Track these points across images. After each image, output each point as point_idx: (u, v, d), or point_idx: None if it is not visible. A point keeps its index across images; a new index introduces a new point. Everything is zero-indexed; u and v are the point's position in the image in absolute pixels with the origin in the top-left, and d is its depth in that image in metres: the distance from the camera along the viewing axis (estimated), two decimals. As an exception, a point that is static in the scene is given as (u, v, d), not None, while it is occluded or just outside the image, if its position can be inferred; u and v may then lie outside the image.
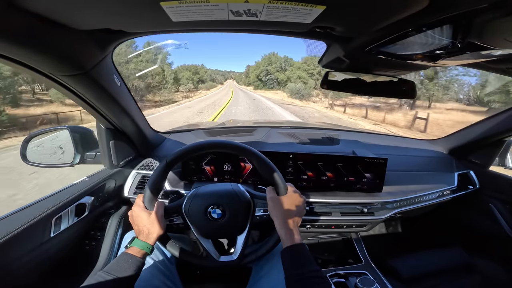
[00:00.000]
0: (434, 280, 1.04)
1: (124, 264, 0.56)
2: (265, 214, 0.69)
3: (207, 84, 58.36)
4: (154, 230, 0.62)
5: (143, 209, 0.65)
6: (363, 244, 1.20)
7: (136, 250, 0.59)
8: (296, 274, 0.54)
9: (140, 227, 0.63)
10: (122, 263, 0.56)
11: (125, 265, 0.55)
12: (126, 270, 0.55)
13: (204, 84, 56.00)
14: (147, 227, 0.62)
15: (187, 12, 0.44)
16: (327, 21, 0.49)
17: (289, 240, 0.59)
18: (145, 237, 0.61)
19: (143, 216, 0.63)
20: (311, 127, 1.69)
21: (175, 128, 1.50)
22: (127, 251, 0.59)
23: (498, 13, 0.38)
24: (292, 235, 0.60)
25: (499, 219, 1.14)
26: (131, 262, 0.56)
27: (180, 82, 38.60)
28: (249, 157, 0.67)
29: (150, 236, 0.62)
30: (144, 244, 0.60)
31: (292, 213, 0.63)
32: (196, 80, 49.71)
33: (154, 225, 0.62)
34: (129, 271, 0.55)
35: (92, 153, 0.95)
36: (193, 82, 46.44)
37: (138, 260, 0.57)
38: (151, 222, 0.63)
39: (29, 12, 0.40)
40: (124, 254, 0.58)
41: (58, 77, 0.59)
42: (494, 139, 1.15)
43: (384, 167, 1.02)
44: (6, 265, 0.61)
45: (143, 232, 0.62)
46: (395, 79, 0.80)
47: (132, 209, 0.66)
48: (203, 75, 56.46)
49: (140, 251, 0.59)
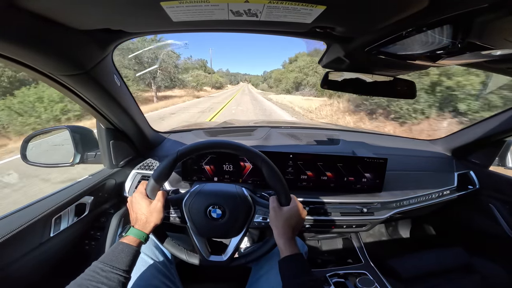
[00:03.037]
0: (434, 280, 1.04)
1: (121, 253, 0.54)
2: (263, 222, 0.69)
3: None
4: (152, 219, 0.62)
5: (144, 196, 0.64)
6: (362, 244, 1.20)
7: (131, 239, 0.57)
8: (294, 283, 0.54)
9: (139, 215, 0.62)
10: (118, 252, 0.54)
11: (122, 255, 0.54)
12: (123, 259, 0.53)
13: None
14: (145, 216, 0.61)
15: (187, 12, 0.44)
16: (327, 21, 0.49)
17: (288, 249, 0.59)
18: (142, 226, 0.60)
19: (143, 203, 0.63)
20: (311, 127, 1.69)
21: (175, 128, 1.50)
22: (122, 240, 0.57)
23: (498, 13, 0.38)
24: (291, 245, 0.60)
25: (499, 219, 1.14)
26: (127, 251, 0.55)
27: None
28: (258, 162, 0.66)
29: (147, 225, 0.61)
30: (140, 233, 0.59)
31: (292, 224, 0.63)
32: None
33: (153, 214, 0.62)
34: (126, 261, 0.53)
35: (92, 153, 0.95)
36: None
37: (134, 249, 0.56)
38: (151, 211, 0.62)
39: (29, 12, 0.40)
40: (119, 243, 0.56)
41: (58, 77, 0.59)
42: (494, 139, 1.15)
43: (384, 167, 1.02)
44: (6, 265, 0.61)
45: (141, 221, 0.61)
46: (395, 79, 0.80)
47: (134, 195, 0.65)
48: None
49: (136, 240, 0.58)
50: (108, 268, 0.51)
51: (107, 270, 0.50)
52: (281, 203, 0.66)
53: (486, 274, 1.09)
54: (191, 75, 34.20)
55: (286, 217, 0.63)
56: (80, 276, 0.50)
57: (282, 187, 0.66)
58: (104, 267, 0.51)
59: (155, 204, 0.63)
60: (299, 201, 0.68)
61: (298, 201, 0.67)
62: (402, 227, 1.58)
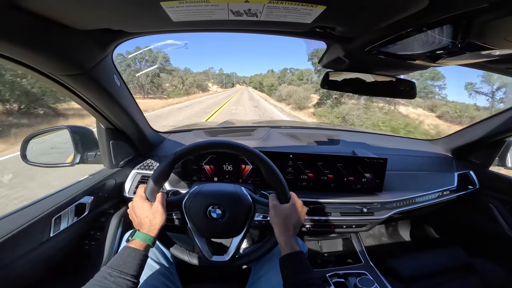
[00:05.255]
0: (433, 280, 1.04)
1: (128, 258, 0.53)
2: (263, 220, 0.69)
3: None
4: (156, 221, 0.61)
5: (144, 200, 0.64)
6: (362, 244, 1.20)
7: (138, 243, 0.57)
8: (294, 281, 0.54)
9: (142, 218, 0.61)
10: (125, 257, 0.54)
11: (129, 259, 0.53)
12: (130, 264, 0.53)
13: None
14: (149, 219, 0.61)
15: (187, 12, 0.44)
16: (327, 21, 0.49)
17: (288, 247, 0.59)
18: (147, 229, 0.60)
19: (144, 207, 0.62)
20: (311, 127, 1.69)
21: (175, 128, 1.50)
22: (129, 245, 0.56)
23: (498, 13, 0.38)
24: (292, 242, 0.60)
25: (499, 219, 1.15)
26: (134, 256, 0.54)
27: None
28: (257, 161, 0.67)
29: (152, 227, 0.60)
30: (146, 236, 0.59)
31: (292, 222, 0.63)
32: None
33: (156, 216, 0.61)
34: (133, 265, 0.53)
35: (92, 153, 0.95)
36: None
37: (141, 253, 0.56)
38: (153, 213, 0.62)
39: (29, 12, 0.40)
40: (126, 248, 0.56)
41: (58, 77, 0.59)
42: (494, 139, 1.15)
43: (384, 167, 1.02)
44: (6, 265, 0.61)
45: (145, 224, 0.60)
46: (395, 79, 0.80)
47: (133, 200, 0.65)
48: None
49: (143, 244, 0.57)
50: (116, 273, 0.50)
51: (115, 275, 0.50)
52: (281, 200, 0.66)
53: (486, 274, 1.09)
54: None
55: (286, 214, 0.63)
56: (89, 281, 0.49)
57: (281, 185, 0.66)
58: (112, 272, 0.50)
59: (157, 206, 0.63)
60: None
61: (297, 199, 0.67)
62: (402, 227, 1.58)
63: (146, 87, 25.88)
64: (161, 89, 29.79)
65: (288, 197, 0.66)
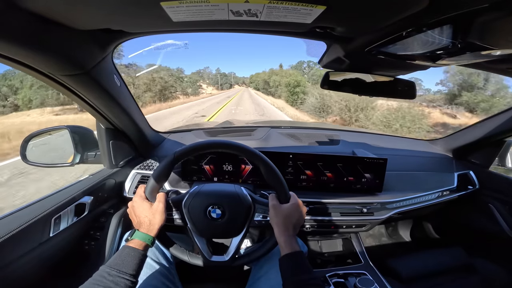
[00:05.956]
0: (433, 280, 1.04)
1: (127, 257, 0.54)
2: (263, 220, 0.69)
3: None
4: (156, 221, 0.61)
5: (144, 199, 0.64)
6: (362, 244, 1.20)
7: (137, 243, 0.57)
8: (294, 281, 0.54)
9: (141, 218, 0.61)
10: (124, 256, 0.54)
11: (128, 259, 0.53)
12: (129, 263, 0.53)
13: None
14: (149, 218, 0.61)
15: (187, 12, 0.44)
16: (327, 21, 0.49)
17: (288, 247, 0.59)
18: (147, 228, 0.60)
19: (144, 206, 0.62)
20: (311, 127, 1.69)
21: (175, 128, 1.50)
22: (128, 244, 0.57)
23: (499, 13, 0.38)
24: (292, 242, 0.60)
25: (499, 219, 1.14)
26: (133, 255, 0.55)
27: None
28: (256, 161, 0.67)
29: (152, 227, 0.60)
30: (145, 236, 0.59)
31: (292, 222, 0.63)
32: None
33: (155, 216, 0.61)
34: (132, 265, 0.53)
35: (92, 153, 0.95)
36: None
37: (141, 253, 0.56)
38: (153, 212, 0.62)
39: (29, 12, 0.40)
40: (126, 247, 0.56)
41: (58, 77, 0.59)
42: (494, 139, 1.15)
43: (384, 167, 1.02)
44: (6, 265, 0.61)
45: (144, 224, 0.60)
46: (395, 79, 0.80)
47: (133, 199, 0.65)
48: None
49: (142, 244, 0.58)
50: (115, 272, 0.50)
51: (113, 274, 0.50)
52: (281, 201, 0.66)
53: (486, 274, 1.09)
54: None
55: (286, 214, 0.63)
56: (88, 280, 0.49)
57: (281, 185, 0.66)
58: (111, 271, 0.50)
59: (157, 206, 0.63)
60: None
61: (297, 198, 0.67)
62: (402, 227, 1.58)
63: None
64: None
65: (288, 197, 0.66)
